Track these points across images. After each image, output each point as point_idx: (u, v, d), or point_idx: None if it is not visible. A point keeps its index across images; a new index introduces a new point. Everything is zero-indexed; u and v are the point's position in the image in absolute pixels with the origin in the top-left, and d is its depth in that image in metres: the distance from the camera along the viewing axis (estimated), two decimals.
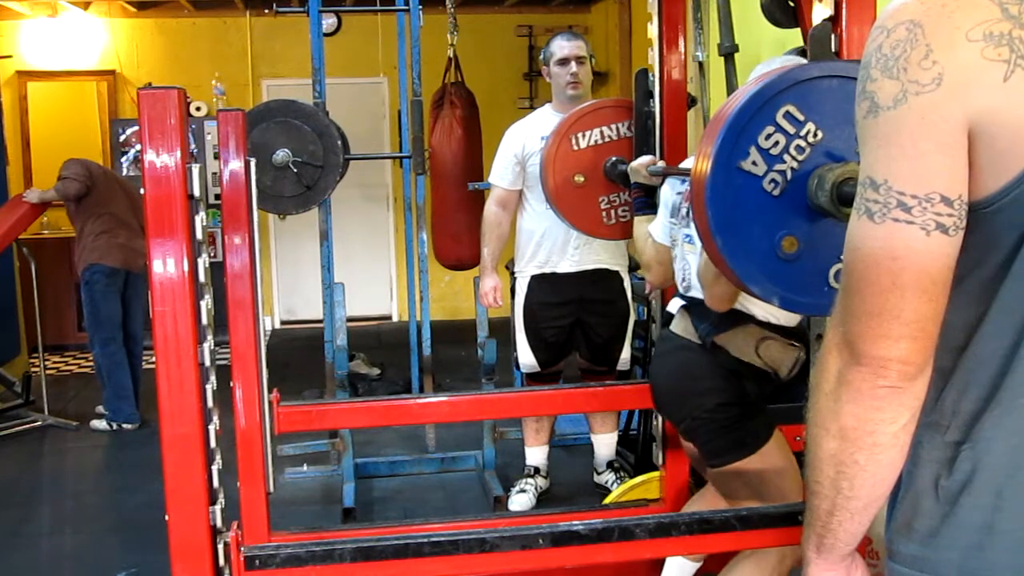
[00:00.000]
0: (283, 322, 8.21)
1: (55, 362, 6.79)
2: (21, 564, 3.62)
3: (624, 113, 3.11)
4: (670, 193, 2.44)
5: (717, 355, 2.25)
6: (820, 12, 1.83)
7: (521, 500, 3.88)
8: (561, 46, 3.72)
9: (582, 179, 3.09)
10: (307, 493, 4.24)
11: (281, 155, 3.95)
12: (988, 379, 0.94)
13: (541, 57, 3.86)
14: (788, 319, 2.25)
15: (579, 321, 3.81)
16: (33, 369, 5.84)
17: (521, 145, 3.75)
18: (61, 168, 5.23)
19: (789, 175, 1.56)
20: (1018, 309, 0.91)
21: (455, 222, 4.61)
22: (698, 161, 1.64)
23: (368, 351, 6.28)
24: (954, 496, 0.96)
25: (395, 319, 8.17)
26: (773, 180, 1.57)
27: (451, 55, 4.73)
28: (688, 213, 2.27)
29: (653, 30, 2.81)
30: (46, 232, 7.32)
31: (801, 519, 1.94)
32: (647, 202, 2.60)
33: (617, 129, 3.10)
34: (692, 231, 2.24)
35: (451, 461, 4.48)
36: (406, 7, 4.32)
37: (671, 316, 2.42)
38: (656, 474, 2.95)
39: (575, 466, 4.35)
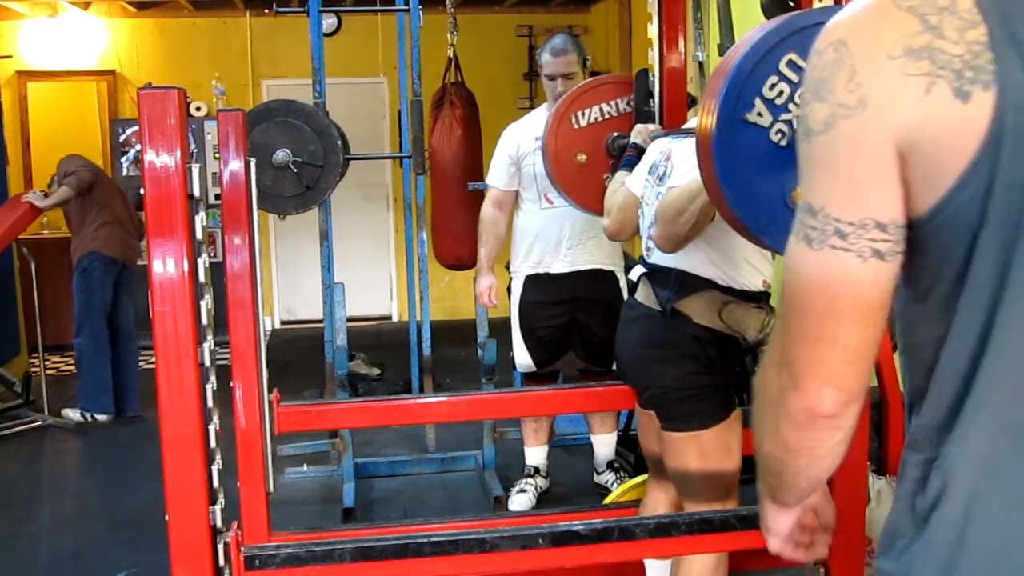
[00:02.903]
0: (283, 322, 8.21)
1: (55, 362, 6.80)
2: (21, 564, 3.62)
3: (623, 88, 3.06)
4: (655, 151, 2.44)
5: (679, 322, 2.24)
6: None
7: (521, 500, 3.88)
8: (547, 62, 3.69)
9: (584, 158, 3.05)
10: (307, 493, 4.24)
11: (281, 155, 3.95)
12: (953, 396, 0.93)
13: (537, 54, 3.84)
14: (751, 284, 2.25)
15: (574, 321, 3.81)
16: (33, 369, 5.84)
17: (516, 146, 3.75)
18: (60, 166, 5.26)
19: (796, 124, 1.52)
20: (976, 324, 0.90)
21: (455, 222, 4.61)
22: (702, 116, 1.61)
23: (368, 351, 6.28)
24: (926, 513, 0.96)
25: (395, 319, 8.17)
26: (780, 130, 1.54)
27: (451, 55, 4.73)
28: (664, 175, 2.27)
29: (653, 30, 2.81)
30: (46, 232, 7.32)
31: None
32: (635, 161, 2.59)
33: (616, 105, 3.06)
34: (663, 190, 2.24)
35: (451, 461, 4.48)
36: (406, 7, 4.32)
37: (635, 285, 2.42)
38: None
39: (575, 466, 4.35)
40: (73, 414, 5.30)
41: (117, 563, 3.46)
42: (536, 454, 4.01)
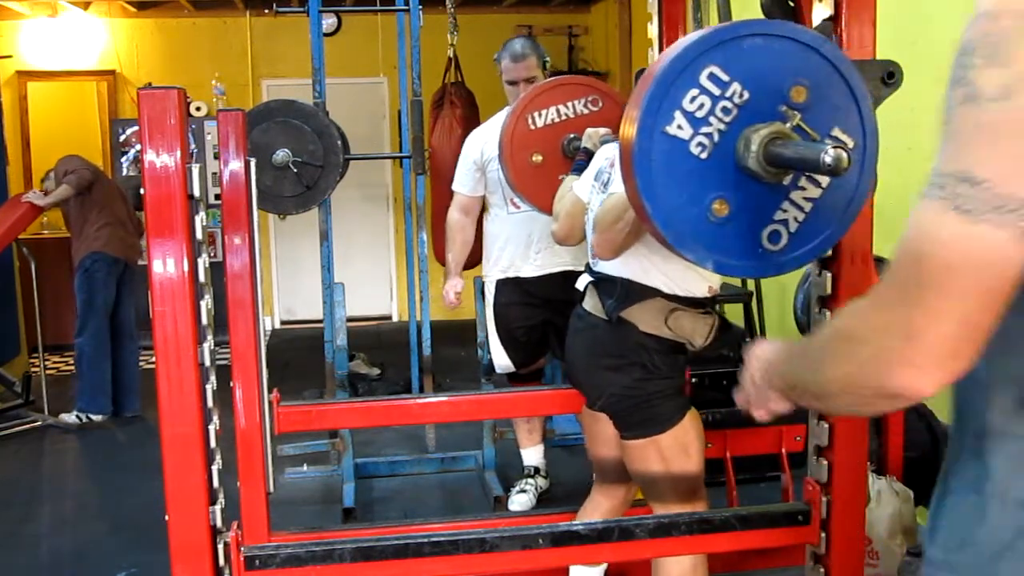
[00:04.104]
0: (283, 322, 8.21)
1: (55, 362, 6.80)
2: (21, 564, 3.62)
3: (580, 90, 3.05)
4: (602, 156, 2.45)
5: (625, 330, 2.26)
6: (820, 12, 1.83)
7: (521, 500, 3.88)
8: (508, 68, 3.66)
9: (540, 158, 3.04)
10: (307, 493, 4.24)
11: (281, 155, 3.95)
12: None
13: (495, 58, 3.76)
14: (695, 290, 2.26)
15: (549, 322, 3.78)
16: (33, 369, 5.84)
17: (480, 151, 3.72)
18: (58, 165, 5.27)
19: (716, 137, 1.53)
20: None
21: None
22: (624, 127, 1.60)
23: (368, 351, 6.28)
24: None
25: (395, 319, 8.18)
26: (700, 143, 1.53)
27: (451, 55, 4.73)
28: (608, 181, 2.28)
29: (653, 30, 2.81)
30: (46, 232, 7.32)
31: (801, 519, 1.96)
32: (585, 166, 2.59)
33: (573, 107, 3.04)
34: (606, 196, 2.24)
35: (451, 461, 4.48)
36: (406, 7, 4.32)
37: (583, 294, 2.43)
38: None
39: (575, 466, 4.34)
40: (69, 418, 5.30)
41: (117, 563, 3.46)
42: (533, 454, 4.02)
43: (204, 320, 1.67)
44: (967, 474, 0.99)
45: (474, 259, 4.04)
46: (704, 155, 1.53)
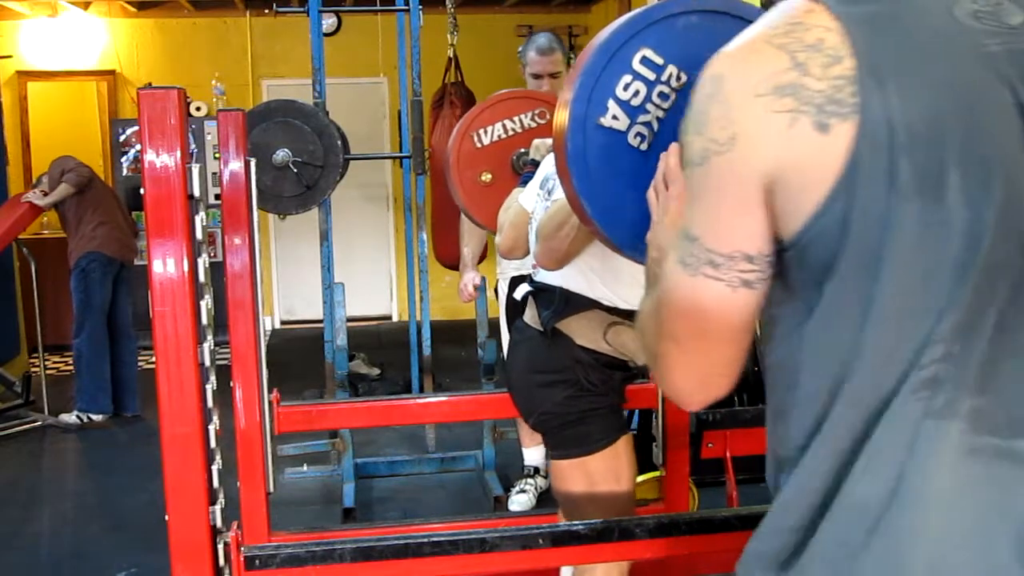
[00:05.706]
0: (283, 322, 8.21)
1: (55, 362, 6.80)
2: (21, 564, 3.62)
3: (524, 104, 2.97)
4: (548, 165, 2.33)
5: (561, 343, 2.14)
6: None
7: (521, 500, 3.88)
8: (534, 61, 3.64)
9: (489, 177, 2.94)
10: (307, 493, 4.24)
11: (281, 155, 3.95)
12: (813, 417, 0.94)
13: (519, 51, 3.76)
14: (637, 303, 2.16)
15: None
16: (33, 369, 5.84)
17: None
18: (53, 166, 5.27)
19: (656, 126, 1.42)
20: (830, 350, 0.92)
21: (455, 222, 4.59)
22: (557, 116, 1.49)
23: (368, 351, 6.28)
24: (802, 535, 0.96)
25: (395, 319, 8.17)
26: (639, 134, 1.42)
27: (451, 55, 4.74)
28: (552, 189, 2.15)
29: None
30: (46, 232, 7.32)
31: None
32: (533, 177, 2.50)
33: (520, 121, 2.95)
34: (550, 204, 2.14)
35: (451, 461, 4.48)
36: (406, 7, 4.33)
37: (523, 305, 2.33)
38: (656, 474, 2.95)
39: None
40: (69, 418, 5.29)
41: (117, 563, 3.47)
42: (534, 454, 4.01)
43: (204, 320, 1.67)
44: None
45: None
46: (644, 146, 1.43)
